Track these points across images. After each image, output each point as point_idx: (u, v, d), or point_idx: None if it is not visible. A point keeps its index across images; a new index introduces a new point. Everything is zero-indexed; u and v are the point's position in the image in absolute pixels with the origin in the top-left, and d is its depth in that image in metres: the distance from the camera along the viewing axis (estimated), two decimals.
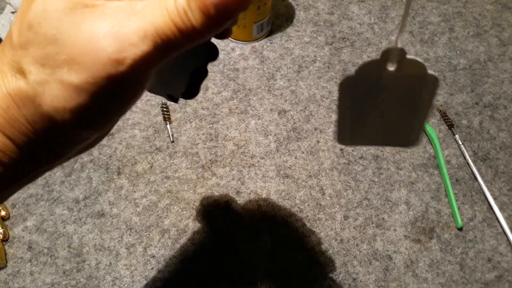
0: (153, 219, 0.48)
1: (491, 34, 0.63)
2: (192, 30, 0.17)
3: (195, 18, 0.17)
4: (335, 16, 0.65)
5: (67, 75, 0.17)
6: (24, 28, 0.17)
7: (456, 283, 0.45)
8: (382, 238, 0.47)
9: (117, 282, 0.44)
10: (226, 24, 0.18)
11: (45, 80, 0.17)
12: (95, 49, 0.16)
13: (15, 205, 0.48)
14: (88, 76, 0.17)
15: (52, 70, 0.17)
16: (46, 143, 0.19)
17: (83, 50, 0.17)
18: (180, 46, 0.18)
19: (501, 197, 0.50)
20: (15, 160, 0.19)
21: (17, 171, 0.20)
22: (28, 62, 0.17)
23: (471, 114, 0.56)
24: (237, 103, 0.56)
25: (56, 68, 0.17)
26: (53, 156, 0.20)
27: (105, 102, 0.18)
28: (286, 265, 0.45)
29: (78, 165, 0.51)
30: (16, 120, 0.18)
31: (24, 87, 0.17)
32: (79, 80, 0.17)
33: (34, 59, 0.17)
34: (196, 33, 0.17)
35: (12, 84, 0.18)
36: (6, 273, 0.45)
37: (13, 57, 0.18)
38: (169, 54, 0.18)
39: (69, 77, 0.17)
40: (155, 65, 0.18)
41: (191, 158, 0.52)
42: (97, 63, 0.17)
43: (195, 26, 0.17)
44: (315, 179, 0.51)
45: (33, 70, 0.17)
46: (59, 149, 0.20)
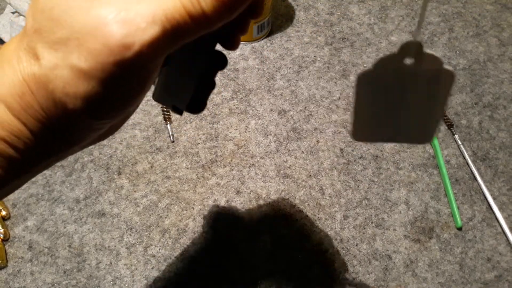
0: (154, 219, 0.48)
1: (491, 34, 0.64)
2: (203, 16, 0.17)
3: (206, 3, 0.17)
4: (335, 16, 0.65)
5: (77, 60, 0.17)
6: (37, 13, 0.18)
7: (456, 283, 0.45)
8: (382, 238, 0.47)
9: (117, 281, 0.44)
10: (237, 12, 0.18)
11: (57, 64, 0.17)
12: (102, 34, 0.16)
13: (15, 204, 0.48)
14: (97, 61, 0.17)
15: (64, 55, 0.17)
16: (59, 131, 0.19)
17: (91, 35, 0.17)
18: (189, 33, 0.18)
19: (501, 197, 0.50)
20: (29, 146, 0.19)
21: (30, 158, 0.20)
22: (41, 47, 0.17)
23: (471, 114, 0.56)
24: (237, 103, 0.56)
25: (67, 53, 0.17)
26: (66, 144, 0.20)
27: (115, 89, 0.18)
28: (286, 265, 0.45)
29: (78, 165, 0.51)
30: (31, 107, 0.18)
31: (38, 72, 0.17)
32: (87, 66, 0.17)
33: (47, 43, 0.17)
34: (207, 19, 0.17)
35: (27, 69, 0.18)
36: (6, 273, 0.45)
37: (28, 43, 0.18)
38: (177, 40, 0.18)
39: (78, 63, 0.17)
40: (163, 51, 0.18)
41: (191, 158, 0.52)
42: (105, 48, 0.16)
43: (206, 12, 0.17)
44: (315, 179, 0.51)
45: (46, 54, 0.17)
46: (72, 138, 0.20)
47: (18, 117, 0.18)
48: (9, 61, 0.18)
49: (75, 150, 0.22)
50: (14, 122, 0.18)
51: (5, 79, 0.18)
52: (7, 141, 0.19)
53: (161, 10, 0.17)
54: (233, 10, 0.17)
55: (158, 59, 0.18)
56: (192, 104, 0.29)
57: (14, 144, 0.19)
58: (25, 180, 0.22)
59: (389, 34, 0.63)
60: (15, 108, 0.18)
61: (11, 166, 0.20)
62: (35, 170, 0.21)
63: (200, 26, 0.17)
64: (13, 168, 0.20)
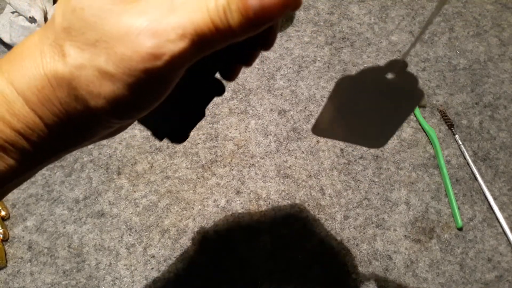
0: (153, 219, 0.48)
1: (491, 34, 0.63)
2: (229, 30, 0.18)
3: (233, 18, 0.17)
4: (335, 16, 0.65)
5: (105, 63, 0.17)
6: (68, 12, 0.18)
7: (456, 283, 0.45)
8: (382, 238, 0.47)
9: (117, 282, 0.44)
10: (263, 28, 0.18)
11: (83, 65, 0.18)
12: (133, 42, 0.17)
13: (15, 205, 0.48)
14: (125, 67, 0.17)
15: (91, 56, 0.17)
16: (75, 126, 0.20)
17: (122, 42, 0.17)
18: (214, 45, 0.18)
19: (501, 197, 0.50)
20: (43, 139, 0.20)
21: (43, 151, 0.20)
22: (69, 45, 0.18)
23: (471, 114, 0.56)
24: (237, 103, 0.56)
25: (95, 55, 0.17)
26: (80, 139, 0.21)
27: (139, 94, 0.18)
28: (286, 265, 0.45)
29: (78, 165, 0.51)
30: (49, 101, 0.19)
31: (61, 69, 0.18)
32: (116, 70, 0.17)
33: (75, 43, 0.18)
34: (232, 33, 0.18)
35: (50, 65, 0.18)
36: (6, 273, 0.44)
37: (56, 39, 0.18)
38: (203, 51, 0.18)
39: (106, 66, 0.17)
40: (190, 61, 0.18)
41: (191, 158, 0.52)
42: (135, 56, 0.17)
43: (232, 27, 0.18)
44: (315, 179, 0.51)
45: (73, 53, 0.18)
46: (86, 133, 0.21)
47: (35, 110, 0.19)
48: (31, 55, 0.19)
49: (86, 145, 0.23)
50: (30, 114, 0.19)
51: (26, 72, 0.19)
52: (22, 133, 0.19)
53: (191, 23, 0.17)
54: (258, 26, 0.18)
55: (183, 68, 0.19)
56: (176, 132, 0.28)
57: (28, 137, 0.19)
58: (37, 171, 0.23)
59: (390, 34, 0.63)
60: (33, 101, 0.19)
61: (24, 158, 0.20)
62: (47, 162, 0.22)
63: (225, 39, 0.18)
64: (26, 160, 0.20)
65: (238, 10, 0.17)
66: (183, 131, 0.28)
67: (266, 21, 0.18)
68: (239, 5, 0.17)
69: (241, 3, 0.17)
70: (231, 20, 0.17)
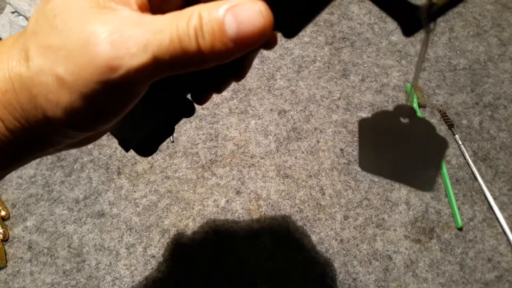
0: (153, 219, 0.48)
1: (491, 34, 0.63)
2: (198, 54, 0.17)
3: (205, 42, 0.16)
4: (335, 16, 0.65)
5: (63, 71, 0.17)
6: (41, 16, 0.18)
7: (456, 283, 0.45)
8: (382, 238, 0.47)
9: (117, 282, 0.44)
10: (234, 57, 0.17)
11: (43, 71, 0.17)
12: (91, 52, 0.16)
13: (15, 205, 0.48)
14: (81, 77, 0.17)
15: (51, 63, 0.17)
16: (35, 134, 0.19)
17: (80, 51, 0.17)
18: (181, 67, 0.17)
19: (501, 197, 0.50)
20: (5, 143, 0.19)
21: (6, 155, 0.20)
22: (33, 49, 0.17)
23: (471, 114, 0.56)
24: (237, 103, 0.56)
25: (55, 63, 0.17)
26: (41, 147, 0.20)
27: (95, 106, 0.18)
28: (286, 265, 0.45)
29: (78, 165, 0.51)
30: (11, 105, 0.18)
31: (25, 74, 0.18)
32: (72, 80, 0.17)
33: (39, 47, 0.17)
34: (201, 57, 0.17)
35: (16, 68, 0.18)
36: (6, 273, 0.44)
37: (24, 42, 0.18)
38: (167, 71, 0.17)
39: (64, 74, 0.17)
40: (150, 78, 0.18)
41: (191, 158, 0.52)
42: (91, 66, 0.16)
43: (202, 51, 0.17)
44: (315, 179, 0.51)
45: (35, 58, 0.17)
46: (47, 141, 0.20)
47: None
48: (0, 57, 0.18)
49: (53, 152, 0.22)
50: None
51: None
52: None
53: (156, 39, 0.16)
54: (231, 54, 0.17)
55: (144, 84, 0.18)
56: (143, 145, 0.27)
57: None
58: (2, 176, 0.22)
59: (390, 34, 0.63)
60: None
61: None
62: (11, 167, 0.21)
63: (192, 63, 0.17)
64: None
65: (212, 33, 0.16)
66: (151, 145, 0.27)
67: (240, 50, 0.17)
68: (214, 28, 0.16)
69: (217, 27, 0.16)
70: (202, 43, 0.16)
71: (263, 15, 0.17)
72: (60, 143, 0.21)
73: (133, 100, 0.19)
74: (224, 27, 0.16)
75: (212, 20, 0.16)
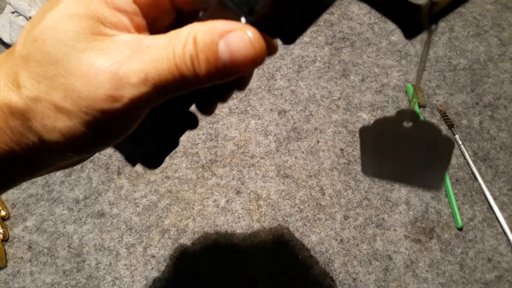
0: (153, 219, 0.48)
1: (491, 34, 0.63)
2: (195, 78, 0.17)
3: (200, 68, 0.17)
4: (335, 16, 0.65)
5: (62, 99, 0.17)
6: (29, 41, 0.17)
7: (456, 283, 0.45)
8: (382, 238, 0.47)
9: (117, 282, 0.44)
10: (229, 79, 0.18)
11: (39, 97, 0.17)
12: (92, 83, 0.16)
13: (15, 205, 0.48)
14: (82, 105, 0.17)
15: (48, 90, 0.17)
16: (27, 157, 0.19)
17: (81, 81, 0.16)
18: (180, 90, 0.18)
19: (501, 197, 0.50)
20: None
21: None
22: (25, 76, 0.17)
23: (471, 114, 0.56)
24: (237, 103, 0.56)
25: (52, 89, 0.17)
26: (32, 170, 0.20)
27: (96, 131, 0.18)
28: (286, 265, 0.45)
29: (78, 165, 0.51)
30: (0, 129, 0.18)
31: (15, 100, 0.17)
32: (72, 107, 0.17)
33: (31, 74, 0.17)
34: (198, 81, 0.17)
35: (4, 93, 0.17)
36: (6, 273, 0.44)
37: (12, 67, 0.18)
38: (166, 95, 0.18)
39: (63, 102, 0.17)
40: (150, 104, 0.18)
41: (191, 158, 0.52)
42: (93, 96, 0.16)
43: (198, 75, 0.17)
44: (315, 179, 0.51)
45: (28, 85, 0.17)
46: (39, 165, 0.20)
47: None
48: None
49: (40, 175, 0.22)
50: None
51: None
52: None
53: (155, 69, 0.17)
54: (226, 78, 0.18)
55: (144, 110, 0.18)
56: (149, 160, 0.27)
57: None
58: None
59: (390, 34, 0.63)
60: None
61: None
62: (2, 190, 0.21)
63: (190, 86, 0.18)
64: None
65: (207, 61, 0.17)
66: (156, 158, 0.28)
67: (234, 74, 0.17)
68: (208, 56, 0.17)
69: (211, 55, 0.17)
70: (198, 69, 0.17)
71: (252, 45, 0.17)
72: (52, 165, 0.20)
73: (134, 124, 0.19)
74: (218, 54, 0.17)
75: (206, 47, 0.17)
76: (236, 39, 0.17)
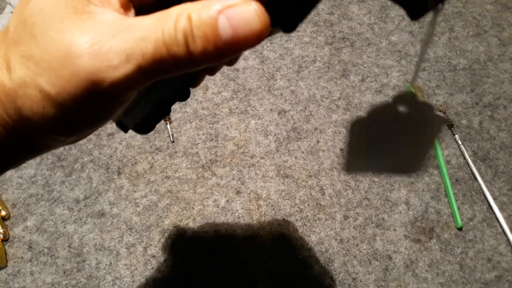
0: (153, 219, 0.48)
1: (491, 34, 0.63)
2: (188, 59, 0.16)
3: (196, 46, 0.16)
4: (335, 16, 0.65)
5: (46, 84, 0.16)
6: (20, 24, 0.17)
7: (456, 283, 0.45)
8: (382, 238, 0.47)
9: (117, 282, 0.44)
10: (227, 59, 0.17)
11: (26, 83, 0.16)
12: (72, 65, 0.16)
13: (15, 205, 0.48)
14: (64, 90, 0.16)
15: (34, 75, 0.16)
16: (23, 140, 0.19)
17: (61, 63, 0.16)
18: (168, 72, 0.17)
19: (501, 197, 0.50)
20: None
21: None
22: (15, 59, 0.17)
23: (471, 114, 0.56)
24: (237, 103, 0.56)
25: (37, 74, 0.16)
26: (29, 151, 0.20)
27: (82, 116, 0.17)
28: (286, 265, 0.45)
29: (78, 165, 0.51)
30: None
31: (8, 84, 0.17)
32: (55, 93, 0.16)
33: (21, 57, 0.17)
34: (191, 62, 0.16)
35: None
36: (6, 273, 0.45)
37: (6, 51, 0.17)
38: (154, 78, 0.17)
39: (47, 87, 0.16)
40: (136, 86, 0.17)
41: (191, 158, 0.52)
42: (73, 79, 0.16)
43: (192, 55, 0.16)
44: (315, 179, 0.51)
45: (18, 69, 0.17)
46: (36, 147, 0.20)
47: None
48: None
49: (40, 154, 0.22)
50: None
51: None
52: None
53: (139, 48, 0.15)
54: (224, 57, 0.16)
55: (130, 93, 0.17)
56: (140, 126, 0.28)
57: None
58: None
59: (389, 34, 0.63)
60: None
61: None
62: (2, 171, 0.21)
63: (182, 67, 0.16)
64: None
65: (204, 38, 0.15)
66: (148, 125, 0.28)
67: (233, 53, 0.16)
68: (206, 33, 0.15)
69: (210, 31, 0.15)
70: (192, 47, 0.15)
71: (259, 17, 0.16)
72: (49, 147, 0.20)
73: (121, 106, 0.18)
74: (218, 31, 0.15)
75: (203, 23, 0.15)
76: (240, 12, 0.15)
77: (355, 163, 0.29)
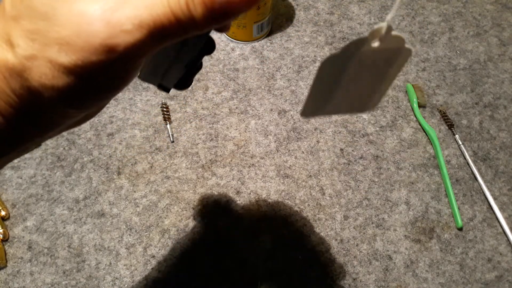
0: (153, 219, 0.48)
1: (491, 34, 0.63)
2: (191, 23, 0.17)
3: (197, 11, 0.17)
4: (335, 16, 0.65)
5: (57, 54, 0.16)
6: (17, 0, 0.17)
7: (456, 283, 0.45)
8: (382, 238, 0.47)
9: (117, 282, 0.44)
10: (227, 21, 0.18)
11: (34, 55, 0.17)
12: (86, 32, 0.16)
13: (15, 205, 0.48)
14: (78, 58, 0.16)
15: (42, 47, 0.16)
16: (33, 117, 0.19)
17: (74, 32, 0.16)
18: (176, 36, 0.17)
19: (501, 197, 0.50)
20: (1, 130, 0.19)
21: (4, 143, 0.20)
22: (18, 35, 0.17)
23: (471, 114, 0.56)
24: (237, 103, 0.56)
25: (46, 46, 0.16)
26: (40, 130, 0.20)
27: (94, 85, 0.18)
28: (286, 265, 0.45)
29: (78, 165, 0.51)
30: (3, 92, 0.18)
31: (12, 60, 0.17)
32: (68, 62, 0.16)
33: (24, 32, 0.17)
34: (195, 25, 0.17)
35: (0, 55, 0.17)
36: (6, 273, 0.45)
37: (4, 28, 0.17)
38: (163, 43, 0.18)
39: (58, 57, 0.16)
40: (147, 52, 0.18)
41: (191, 158, 0.52)
42: (88, 47, 0.16)
43: (195, 19, 0.17)
44: (315, 179, 0.51)
45: (22, 44, 0.17)
46: (46, 124, 0.20)
47: None
48: None
49: (51, 135, 0.22)
50: None
51: None
52: None
53: (149, 14, 0.16)
54: (222, 20, 0.17)
55: (141, 58, 0.18)
56: (179, 83, 0.30)
57: None
58: (3, 164, 0.22)
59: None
60: None
61: None
62: (12, 155, 0.21)
63: (187, 31, 0.17)
64: None
65: (203, 3, 0.16)
66: (185, 82, 0.30)
67: (232, 14, 0.17)
68: None
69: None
70: (194, 13, 0.17)
71: None
72: (58, 124, 0.20)
73: (133, 74, 0.19)
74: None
75: None
76: None
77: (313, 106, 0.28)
